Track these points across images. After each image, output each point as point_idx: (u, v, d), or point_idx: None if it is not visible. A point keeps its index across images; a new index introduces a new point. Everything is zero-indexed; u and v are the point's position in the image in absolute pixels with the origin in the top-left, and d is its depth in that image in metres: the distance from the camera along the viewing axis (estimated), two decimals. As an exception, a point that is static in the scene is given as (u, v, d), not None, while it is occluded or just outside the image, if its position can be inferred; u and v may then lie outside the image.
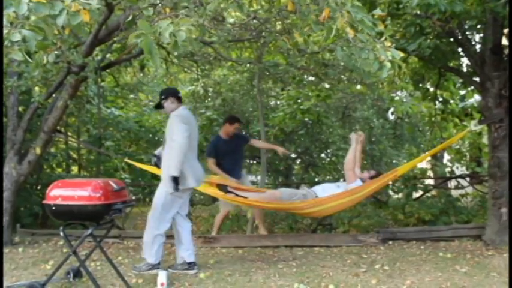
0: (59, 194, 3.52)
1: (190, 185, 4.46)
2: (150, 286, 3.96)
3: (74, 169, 9.64)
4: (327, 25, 3.16)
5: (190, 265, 4.48)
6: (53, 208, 3.51)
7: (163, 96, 4.62)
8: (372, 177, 5.44)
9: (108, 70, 6.96)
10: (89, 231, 3.57)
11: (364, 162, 5.43)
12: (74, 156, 9.50)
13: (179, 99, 4.63)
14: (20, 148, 5.93)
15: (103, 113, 9.21)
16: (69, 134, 8.64)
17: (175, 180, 4.27)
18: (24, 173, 5.88)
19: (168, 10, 3.36)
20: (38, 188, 7.67)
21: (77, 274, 4.08)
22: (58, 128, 6.19)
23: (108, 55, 6.66)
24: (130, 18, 4.58)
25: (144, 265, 4.42)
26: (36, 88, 6.54)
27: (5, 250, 5.39)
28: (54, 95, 6.03)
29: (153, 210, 4.44)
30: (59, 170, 9.07)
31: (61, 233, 3.63)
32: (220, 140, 6.01)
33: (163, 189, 4.41)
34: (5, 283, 3.96)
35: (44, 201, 3.58)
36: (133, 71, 8.41)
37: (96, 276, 3.86)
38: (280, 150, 6.17)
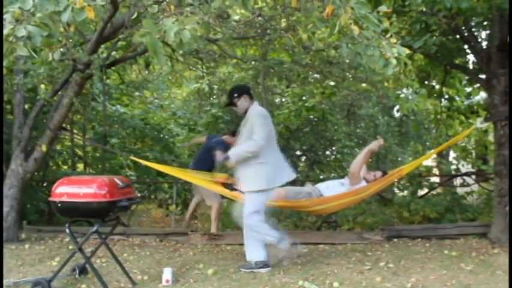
0: (64, 191, 3.53)
1: (279, 183, 4.43)
2: (155, 283, 3.97)
3: (80, 166, 9.68)
4: (331, 22, 3.15)
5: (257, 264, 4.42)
6: (59, 205, 3.53)
7: (235, 94, 4.42)
8: (377, 179, 5.38)
9: (113, 68, 6.99)
10: (94, 228, 3.58)
11: (370, 160, 5.40)
12: (80, 153, 9.54)
13: (252, 97, 4.48)
14: (26, 145, 5.96)
15: (108, 110, 9.24)
16: (74, 131, 8.68)
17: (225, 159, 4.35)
18: (30, 170, 5.91)
19: (172, 7, 3.35)
20: (44, 185, 7.70)
21: (83, 271, 4.11)
22: (64, 125, 6.23)
23: (113, 53, 6.69)
24: (135, 15, 4.59)
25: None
26: (42, 86, 6.57)
27: (12, 247, 5.43)
28: (60, 93, 6.07)
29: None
30: (65, 167, 9.12)
31: (67, 230, 3.65)
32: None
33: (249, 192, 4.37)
34: (12, 279, 3.99)
35: (50, 198, 3.60)
36: (138, 69, 8.42)
37: (101, 273, 3.87)
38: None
